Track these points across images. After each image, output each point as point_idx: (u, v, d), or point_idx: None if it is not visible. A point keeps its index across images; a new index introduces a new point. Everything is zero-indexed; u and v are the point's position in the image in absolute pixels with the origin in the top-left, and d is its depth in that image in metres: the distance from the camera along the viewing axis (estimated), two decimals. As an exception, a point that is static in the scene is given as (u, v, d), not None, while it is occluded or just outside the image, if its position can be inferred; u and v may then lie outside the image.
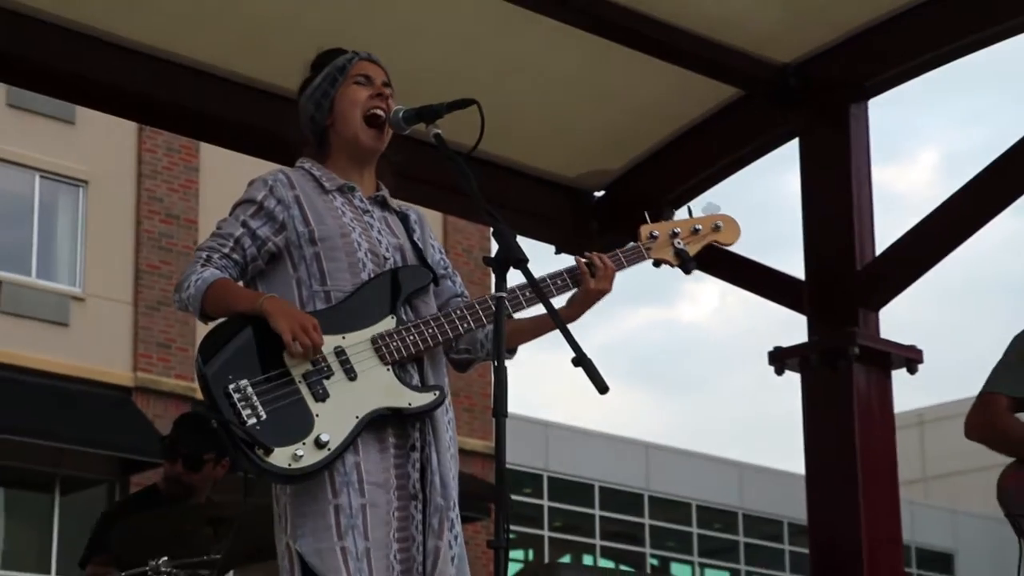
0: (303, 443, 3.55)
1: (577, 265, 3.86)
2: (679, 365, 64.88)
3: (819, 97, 6.66)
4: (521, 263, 3.52)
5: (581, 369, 3.38)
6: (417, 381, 3.72)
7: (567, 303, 3.89)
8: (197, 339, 3.68)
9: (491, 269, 3.52)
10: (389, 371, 3.68)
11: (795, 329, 6.70)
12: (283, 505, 3.66)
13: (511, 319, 3.84)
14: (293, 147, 3.98)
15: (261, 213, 3.79)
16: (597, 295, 3.87)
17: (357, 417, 3.61)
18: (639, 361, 61.74)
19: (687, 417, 58.90)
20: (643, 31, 6.28)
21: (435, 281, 3.88)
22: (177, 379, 21.45)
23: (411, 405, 3.67)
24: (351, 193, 3.88)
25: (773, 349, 6.58)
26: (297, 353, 3.59)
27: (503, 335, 3.47)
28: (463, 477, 3.96)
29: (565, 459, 29.02)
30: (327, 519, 3.58)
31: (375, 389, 3.65)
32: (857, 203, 6.59)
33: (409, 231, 3.94)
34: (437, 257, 3.96)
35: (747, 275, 7.12)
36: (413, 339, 3.71)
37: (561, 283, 3.86)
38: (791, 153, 6.83)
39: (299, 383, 3.61)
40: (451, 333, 3.75)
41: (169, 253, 21.62)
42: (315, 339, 3.59)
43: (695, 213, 4.06)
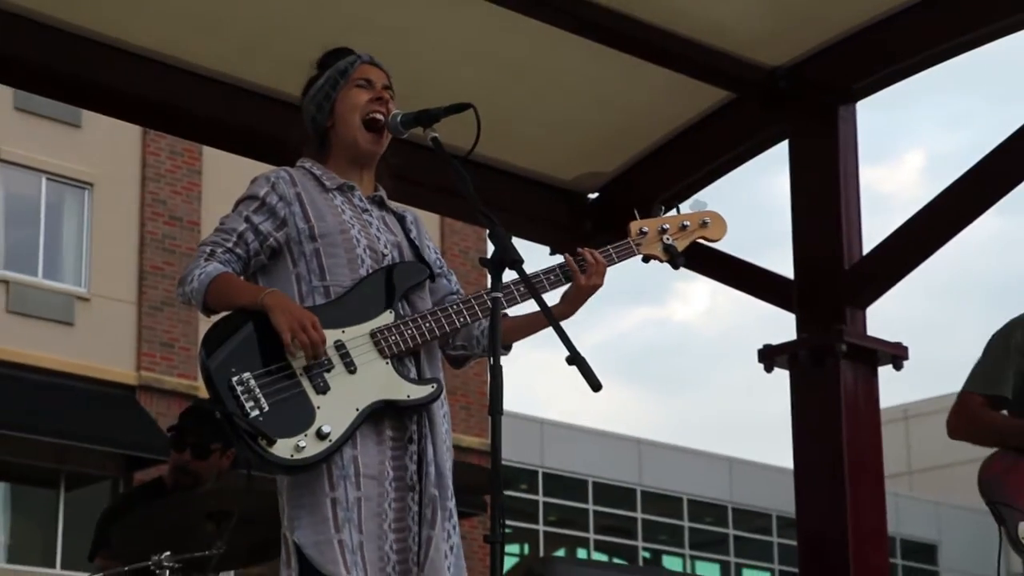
0: (305, 434, 3.55)
1: (566, 263, 3.87)
2: (671, 363, 64.96)
3: (808, 100, 6.67)
4: (516, 264, 3.53)
5: (575, 367, 3.38)
6: (414, 374, 3.73)
7: (560, 300, 3.89)
8: (199, 339, 3.67)
9: (487, 270, 3.53)
10: (388, 364, 3.68)
11: (784, 327, 6.72)
12: (282, 497, 3.67)
13: (506, 316, 3.85)
14: (293, 151, 3.99)
15: (263, 209, 3.79)
16: (589, 290, 3.88)
17: (357, 409, 3.61)
18: (632, 359, 61.82)
19: (679, 413, 58.97)
20: (636, 35, 6.28)
21: (431, 277, 3.88)
22: (180, 378, 21.46)
23: (409, 397, 3.68)
24: (350, 192, 3.89)
25: (762, 347, 6.58)
26: (295, 351, 3.59)
27: (499, 334, 3.48)
28: (461, 467, 3.96)
29: (560, 455, 29.04)
30: (324, 512, 3.58)
31: (374, 382, 3.65)
32: (845, 204, 6.59)
33: (406, 230, 3.94)
34: (433, 256, 3.96)
35: (737, 274, 7.12)
36: (411, 333, 3.71)
37: (554, 278, 3.87)
38: (781, 155, 6.84)
39: (300, 376, 3.61)
40: (448, 327, 3.76)
41: (172, 254, 21.63)
42: (313, 337, 3.59)
43: (683, 210, 4.07)
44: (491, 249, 3.56)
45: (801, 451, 6.51)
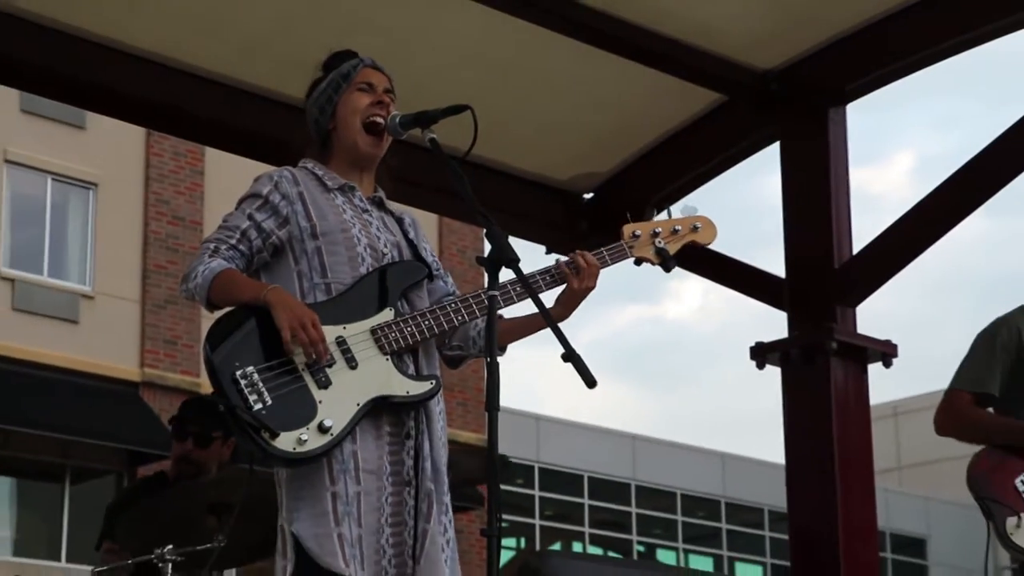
0: (307, 428, 3.56)
1: (558, 266, 3.87)
2: (665, 360, 64.96)
3: (799, 102, 6.67)
4: (513, 263, 3.53)
5: (570, 364, 3.39)
6: (413, 371, 3.73)
7: (555, 302, 3.89)
8: (202, 336, 3.68)
9: (484, 268, 3.53)
10: (388, 361, 3.69)
11: (775, 325, 6.72)
12: (281, 489, 3.67)
13: (501, 319, 3.85)
14: (295, 152, 3.99)
15: (267, 207, 3.80)
16: (582, 293, 3.89)
17: (358, 404, 3.62)
18: (626, 356, 61.84)
19: (672, 409, 58.97)
20: (630, 39, 6.29)
21: (430, 276, 3.89)
22: (183, 374, 21.46)
23: (409, 394, 3.68)
24: (351, 192, 3.89)
25: (754, 344, 6.59)
26: (294, 348, 3.59)
27: (496, 332, 3.49)
28: (460, 454, 3.96)
29: (556, 451, 29.03)
30: (324, 505, 3.58)
31: (375, 378, 3.66)
32: (835, 204, 6.60)
33: (404, 231, 3.95)
34: (430, 259, 3.97)
35: (730, 273, 7.13)
36: (411, 330, 3.72)
37: (550, 279, 3.88)
38: (772, 156, 6.85)
39: (302, 371, 3.61)
40: (446, 325, 3.76)
41: (175, 253, 21.63)
42: (312, 335, 3.59)
43: (674, 215, 4.08)
44: (488, 248, 3.56)
45: (792, 447, 6.52)
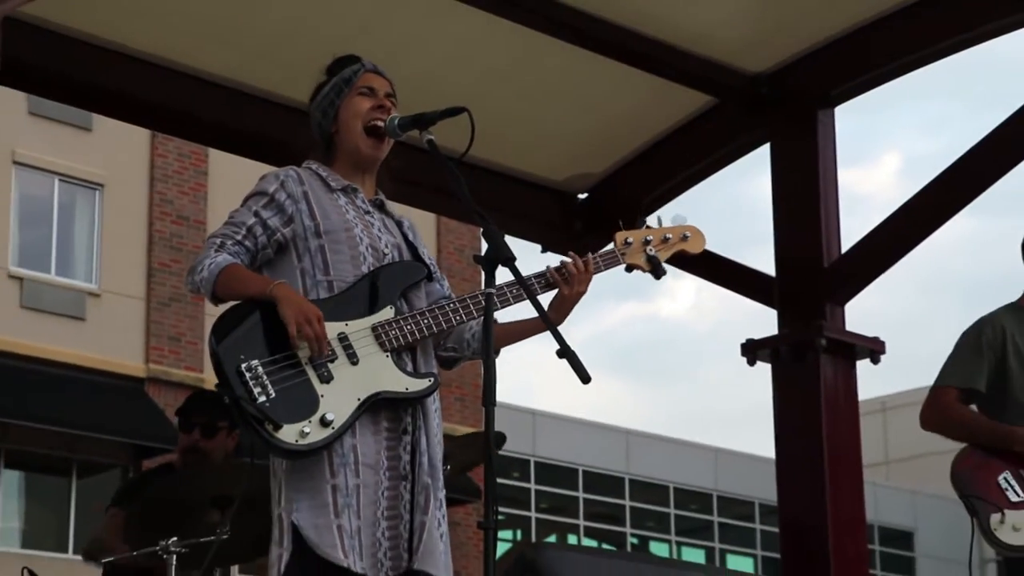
0: (309, 421, 3.56)
1: (549, 274, 3.88)
2: (658, 356, 64.99)
3: (788, 105, 6.68)
4: (509, 261, 3.54)
5: (565, 360, 3.40)
6: (412, 368, 3.74)
7: (548, 308, 3.89)
8: (206, 333, 3.68)
9: (481, 267, 3.54)
10: (388, 358, 3.69)
11: (766, 323, 6.73)
12: (279, 480, 3.67)
13: (496, 324, 3.86)
14: (297, 154, 4.00)
15: (272, 205, 3.80)
16: (574, 298, 3.91)
17: (359, 399, 3.62)
18: (621, 353, 61.86)
19: (665, 405, 59.03)
20: (623, 42, 6.30)
21: (429, 277, 3.90)
22: (187, 370, 21.46)
23: (408, 390, 3.69)
24: (354, 194, 3.90)
25: (745, 341, 6.59)
26: (299, 343, 3.60)
27: (492, 328, 3.49)
28: (456, 441, 3.96)
29: (551, 445, 29.05)
30: (324, 497, 3.59)
31: (375, 374, 3.66)
32: (824, 205, 6.61)
33: (403, 234, 3.96)
34: (428, 261, 3.98)
35: (721, 272, 7.13)
36: (411, 328, 3.73)
37: (544, 283, 3.89)
38: (763, 157, 6.85)
39: (305, 365, 3.62)
40: (445, 324, 3.77)
41: (179, 252, 21.63)
42: (317, 330, 3.59)
43: (664, 223, 4.09)
44: (485, 247, 3.56)
45: (783, 441, 6.52)
